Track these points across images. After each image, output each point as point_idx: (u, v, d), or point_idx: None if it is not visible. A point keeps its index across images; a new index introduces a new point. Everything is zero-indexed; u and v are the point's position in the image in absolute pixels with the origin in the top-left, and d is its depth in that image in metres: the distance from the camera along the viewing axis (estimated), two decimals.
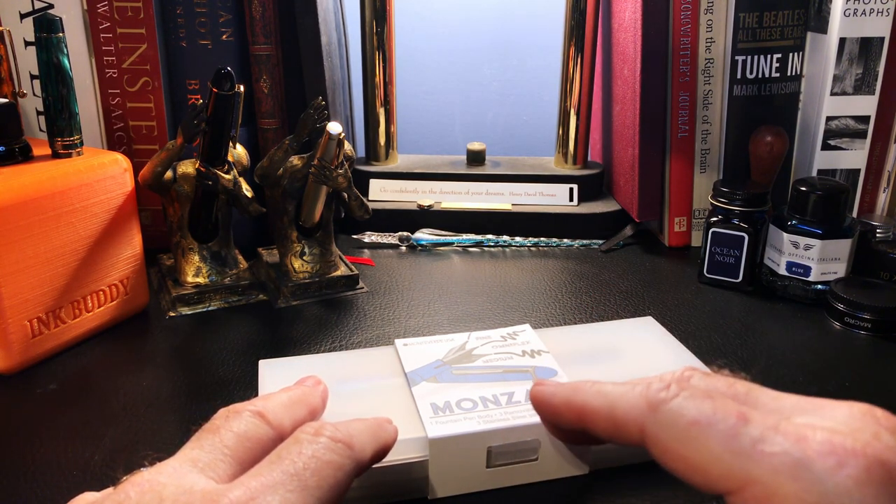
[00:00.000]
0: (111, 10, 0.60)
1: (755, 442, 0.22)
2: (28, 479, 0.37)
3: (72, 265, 0.48)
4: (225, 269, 0.57)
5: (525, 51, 0.90)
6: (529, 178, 0.74)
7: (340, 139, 0.53)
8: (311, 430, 0.27)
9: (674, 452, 0.24)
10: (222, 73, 0.49)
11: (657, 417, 0.25)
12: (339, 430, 0.27)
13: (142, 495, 0.23)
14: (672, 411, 0.24)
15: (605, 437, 0.27)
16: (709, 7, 0.64)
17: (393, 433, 0.33)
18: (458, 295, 0.59)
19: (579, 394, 0.28)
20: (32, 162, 0.48)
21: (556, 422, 0.30)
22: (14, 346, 0.46)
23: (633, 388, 0.26)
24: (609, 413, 0.27)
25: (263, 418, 0.28)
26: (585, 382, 0.29)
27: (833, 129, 0.64)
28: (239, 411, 0.29)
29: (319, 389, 0.34)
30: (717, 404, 0.24)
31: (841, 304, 0.54)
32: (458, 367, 0.40)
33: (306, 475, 0.25)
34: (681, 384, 0.25)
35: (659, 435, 0.24)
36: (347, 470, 0.27)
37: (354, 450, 0.27)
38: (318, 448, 0.26)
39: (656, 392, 0.25)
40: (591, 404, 0.28)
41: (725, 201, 0.59)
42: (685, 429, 0.24)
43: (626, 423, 0.26)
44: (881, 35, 0.61)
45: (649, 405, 0.25)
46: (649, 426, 0.25)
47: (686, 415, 0.24)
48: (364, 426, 0.30)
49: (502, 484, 0.36)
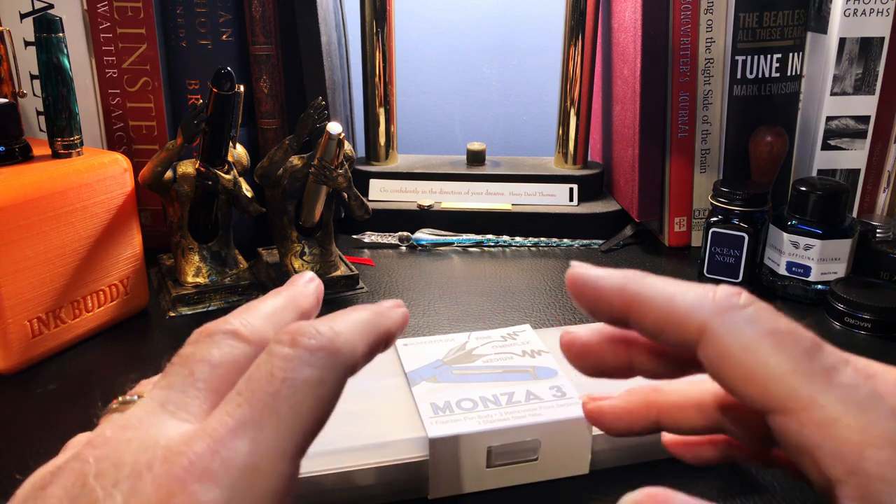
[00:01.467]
0: (111, 10, 0.60)
1: (828, 368, 0.21)
2: (27, 479, 0.37)
3: (72, 265, 0.48)
4: (225, 269, 0.57)
5: (525, 51, 0.90)
6: (529, 178, 0.74)
7: (340, 139, 0.53)
8: (287, 339, 0.23)
9: (734, 359, 0.22)
10: (222, 73, 0.49)
11: (725, 319, 0.23)
12: (321, 333, 0.24)
13: (101, 460, 0.21)
14: (745, 317, 0.23)
15: (652, 331, 0.25)
16: (709, 7, 0.64)
17: (398, 319, 0.29)
18: (458, 295, 0.59)
19: (634, 283, 0.25)
20: (32, 162, 0.48)
21: (595, 308, 0.26)
22: (14, 346, 0.46)
23: (698, 287, 0.24)
24: (667, 305, 0.24)
25: (239, 337, 0.25)
26: (639, 273, 0.26)
27: (833, 129, 0.64)
28: (211, 333, 0.25)
29: (313, 286, 0.30)
30: (794, 326, 0.23)
31: (841, 304, 0.54)
32: (459, 367, 0.40)
33: (279, 403, 0.22)
34: (753, 297, 0.24)
35: (723, 338, 0.23)
36: (332, 382, 0.23)
37: (340, 354, 0.24)
38: (292, 365, 0.22)
39: (727, 296, 0.23)
40: (646, 293, 0.25)
41: (725, 201, 0.59)
42: (756, 338, 0.22)
43: (685, 318, 0.24)
44: (881, 35, 0.61)
45: (718, 307, 0.23)
46: (714, 328, 0.23)
47: (761, 324, 0.23)
48: (354, 319, 0.26)
49: (502, 484, 0.36)
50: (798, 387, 0.21)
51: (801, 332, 0.22)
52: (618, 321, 0.26)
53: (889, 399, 0.21)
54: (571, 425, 0.36)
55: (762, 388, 0.22)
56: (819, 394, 0.21)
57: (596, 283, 0.26)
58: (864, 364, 0.22)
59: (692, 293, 0.24)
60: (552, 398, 0.37)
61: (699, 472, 0.38)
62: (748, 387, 0.22)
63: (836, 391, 0.21)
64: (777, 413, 0.22)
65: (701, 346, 0.23)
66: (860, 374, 0.21)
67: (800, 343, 0.22)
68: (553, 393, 0.37)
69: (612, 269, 0.26)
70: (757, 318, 0.23)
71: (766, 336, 0.22)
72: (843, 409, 0.20)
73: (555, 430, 0.36)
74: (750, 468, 0.38)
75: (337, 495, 0.34)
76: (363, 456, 0.34)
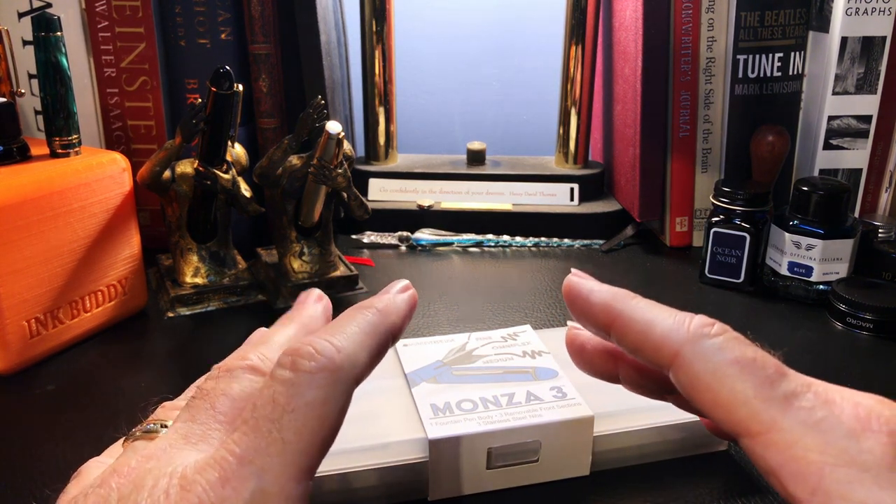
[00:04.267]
0: (109, 9, 0.60)
1: (788, 394, 0.23)
2: (26, 480, 0.37)
3: (70, 265, 0.48)
4: (224, 270, 0.57)
5: (525, 50, 0.90)
6: (530, 178, 0.74)
7: (340, 139, 0.53)
8: (287, 363, 0.24)
9: (703, 385, 0.24)
10: (221, 72, 0.49)
11: (696, 348, 0.25)
12: (321, 354, 0.24)
13: (124, 486, 0.23)
14: (714, 346, 0.24)
15: (630, 348, 0.27)
16: (710, 6, 0.64)
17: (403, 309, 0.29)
18: (458, 295, 0.59)
19: (619, 303, 0.28)
20: (30, 161, 0.48)
21: (584, 317, 0.29)
22: (12, 347, 0.45)
23: (676, 314, 0.26)
24: (645, 328, 0.26)
25: (257, 372, 0.26)
26: (627, 293, 0.28)
27: (835, 129, 0.63)
28: (231, 369, 0.26)
29: (321, 308, 0.31)
30: (759, 354, 0.24)
31: (843, 305, 0.54)
32: (459, 368, 0.40)
33: (283, 430, 0.23)
34: (724, 327, 0.25)
35: (694, 365, 0.25)
36: (336, 400, 0.24)
37: (342, 371, 0.24)
38: (294, 390, 0.23)
39: (700, 325, 0.25)
40: (628, 314, 0.27)
41: (727, 201, 0.59)
42: (723, 365, 0.24)
43: (661, 343, 0.26)
44: (883, 34, 0.61)
45: (691, 335, 0.25)
46: (685, 354, 0.25)
47: (728, 353, 0.24)
48: (355, 328, 0.26)
49: (503, 485, 0.36)
50: (760, 411, 0.23)
51: (766, 361, 0.24)
52: (601, 333, 0.28)
53: (846, 421, 0.22)
54: (572, 426, 0.36)
55: (728, 412, 0.23)
56: (780, 418, 0.22)
57: (587, 296, 0.29)
58: (825, 389, 0.23)
59: (670, 320, 0.26)
60: (553, 399, 0.37)
61: (699, 472, 0.37)
62: (716, 411, 0.24)
63: (795, 414, 0.22)
64: (744, 436, 0.23)
65: (673, 370, 0.25)
66: (819, 398, 0.23)
67: (764, 370, 0.24)
68: (553, 394, 0.37)
69: (604, 286, 0.29)
70: (725, 347, 0.24)
71: (732, 364, 0.24)
72: (803, 431, 0.22)
73: (555, 431, 0.36)
74: (752, 470, 0.38)
75: (336, 497, 0.34)
76: (363, 457, 0.34)
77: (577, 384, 0.38)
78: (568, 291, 0.29)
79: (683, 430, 0.38)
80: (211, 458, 0.23)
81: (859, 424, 0.22)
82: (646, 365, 0.28)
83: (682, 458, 0.38)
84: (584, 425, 0.36)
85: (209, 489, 0.22)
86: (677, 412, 0.38)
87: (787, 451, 0.22)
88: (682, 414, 0.38)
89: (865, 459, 0.21)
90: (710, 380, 0.24)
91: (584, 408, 0.36)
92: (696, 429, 0.38)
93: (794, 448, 0.22)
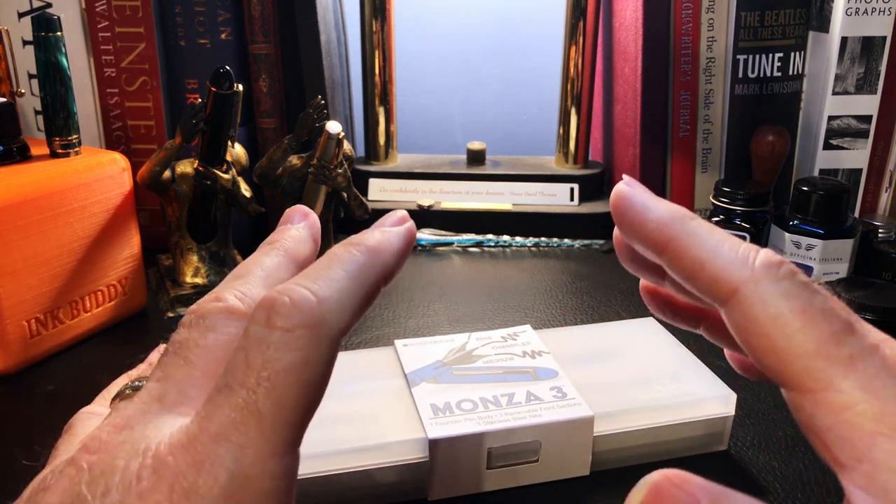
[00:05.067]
0: (109, 8, 0.60)
1: (853, 355, 0.21)
2: (25, 480, 0.37)
3: (70, 265, 0.48)
4: (224, 270, 0.57)
5: (525, 50, 0.90)
6: (530, 178, 0.74)
7: (340, 138, 0.53)
8: (262, 318, 0.21)
9: (760, 328, 0.22)
10: (221, 72, 0.49)
11: (759, 287, 0.22)
12: (299, 305, 0.21)
13: (94, 466, 0.20)
14: (780, 289, 0.22)
15: (683, 275, 0.24)
16: (710, 6, 0.64)
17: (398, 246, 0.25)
18: (458, 295, 0.59)
19: (677, 224, 0.24)
20: (30, 161, 0.48)
21: (634, 235, 0.25)
22: (12, 347, 0.45)
23: (740, 246, 0.23)
24: (704, 258, 0.23)
25: (235, 314, 0.23)
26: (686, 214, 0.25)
27: (835, 129, 0.63)
28: (205, 315, 0.23)
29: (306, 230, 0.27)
30: (829, 305, 0.22)
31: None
32: (459, 368, 0.40)
33: (259, 400, 0.20)
34: (794, 268, 0.23)
35: (754, 307, 0.22)
36: (319, 359, 0.21)
37: (324, 326, 0.21)
38: (269, 352, 0.20)
39: (767, 263, 0.23)
40: (686, 240, 0.24)
41: (727, 201, 0.59)
42: (786, 311, 0.22)
43: (718, 277, 0.23)
44: (883, 34, 0.61)
45: (755, 273, 0.22)
46: (746, 293, 0.22)
47: (794, 299, 0.22)
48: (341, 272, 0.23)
49: (503, 485, 0.36)
50: (819, 368, 0.21)
51: (836, 313, 0.22)
52: (650, 252, 0.25)
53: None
54: (572, 426, 0.36)
55: (783, 363, 0.21)
56: (838, 378, 0.20)
57: (641, 211, 0.25)
58: (893, 353, 0.21)
59: (733, 252, 0.23)
60: (553, 399, 0.37)
61: (699, 472, 0.37)
62: (769, 358, 0.22)
63: (856, 377, 0.20)
64: (793, 390, 0.21)
65: (728, 307, 0.23)
66: (885, 364, 0.21)
67: (831, 324, 0.21)
68: (553, 394, 0.37)
69: (660, 202, 0.25)
70: (792, 293, 0.22)
71: (798, 312, 0.21)
72: (861, 396, 0.20)
73: (555, 431, 0.36)
74: (752, 470, 0.38)
75: (336, 497, 0.34)
76: (362, 457, 0.34)
77: (577, 384, 0.38)
78: (618, 203, 0.25)
79: (683, 430, 0.38)
80: (184, 434, 0.20)
81: None
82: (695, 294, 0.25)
83: (682, 458, 0.38)
84: (584, 425, 0.36)
85: (182, 473, 0.19)
86: (677, 412, 0.38)
87: (841, 413, 0.20)
88: (682, 414, 0.38)
89: None
90: (770, 325, 0.22)
91: (584, 408, 0.36)
92: (696, 429, 0.38)
93: (849, 412, 0.20)
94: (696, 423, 0.38)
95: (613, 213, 0.25)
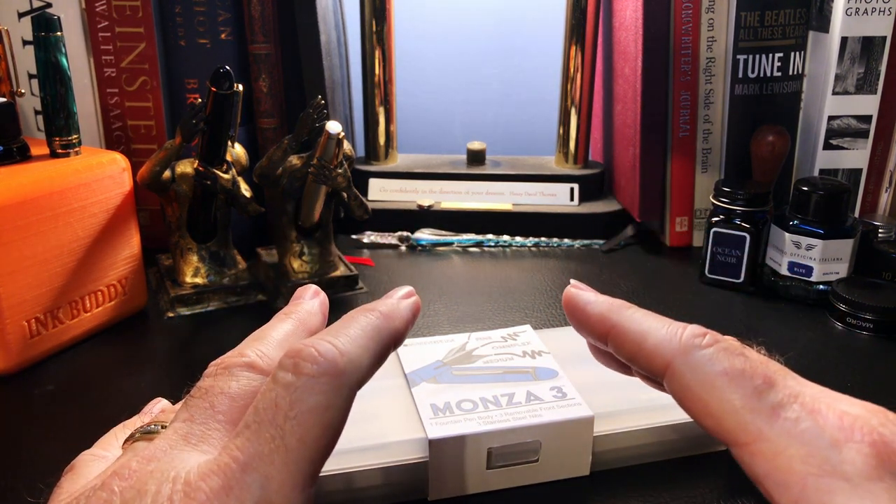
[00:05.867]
0: (109, 8, 0.60)
1: (775, 405, 0.23)
2: (25, 481, 0.37)
3: (70, 265, 0.48)
4: (224, 270, 0.57)
5: (525, 50, 0.90)
6: (530, 178, 0.74)
7: (340, 138, 0.53)
8: (290, 365, 0.24)
9: (694, 395, 0.25)
10: (221, 72, 0.49)
11: (687, 359, 0.25)
12: (323, 357, 0.24)
13: (126, 490, 0.22)
14: (704, 357, 0.25)
15: (626, 358, 0.28)
16: (710, 6, 0.64)
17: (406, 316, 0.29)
18: (458, 295, 0.59)
19: (614, 314, 0.29)
20: (30, 161, 0.48)
21: (580, 326, 0.30)
22: (12, 347, 0.45)
23: (669, 325, 0.27)
24: (640, 340, 0.27)
25: (255, 369, 0.26)
26: (622, 304, 0.29)
27: (835, 129, 0.63)
28: (229, 367, 0.26)
29: (318, 304, 0.30)
30: (749, 365, 0.25)
31: (843, 305, 0.54)
32: (459, 368, 0.40)
33: (286, 436, 0.22)
34: (716, 337, 0.26)
35: (685, 376, 0.25)
36: (339, 404, 0.24)
37: (345, 376, 0.24)
38: (296, 395, 0.23)
39: (692, 336, 0.26)
40: (623, 326, 0.28)
41: (727, 201, 0.59)
42: (712, 376, 0.25)
43: (653, 354, 0.26)
44: (883, 34, 0.61)
45: (682, 346, 0.26)
46: (677, 365, 0.26)
47: (717, 364, 0.25)
48: (359, 331, 0.26)
49: (503, 485, 0.36)
50: (748, 422, 0.23)
51: (755, 371, 0.24)
52: (599, 342, 0.29)
53: (830, 431, 0.22)
54: (572, 426, 0.36)
55: (718, 422, 0.24)
56: (766, 428, 0.23)
57: (584, 307, 0.30)
58: (812, 399, 0.24)
59: (662, 331, 0.27)
60: (553, 399, 0.37)
61: (699, 472, 0.37)
62: (707, 420, 0.25)
63: (781, 425, 0.23)
64: (732, 445, 0.24)
65: (666, 380, 0.26)
66: (805, 408, 0.23)
67: (752, 381, 0.24)
68: (553, 394, 0.37)
69: (601, 297, 0.30)
70: (715, 358, 0.25)
71: (721, 375, 0.25)
72: (787, 442, 0.22)
73: (555, 431, 0.36)
74: None
75: (336, 497, 0.34)
76: (362, 457, 0.34)
77: (577, 384, 0.38)
78: (567, 302, 0.30)
79: (683, 430, 0.38)
80: (214, 463, 0.22)
81: (843, 434, 0.22)
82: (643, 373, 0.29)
83: (682, 458, 0.38)
84: (584, 425, 0.36)
85: (212, 497, 0.21)
86: (677, 412, 0.38)
87: (773, 460, 0.22)
88: (682, 414, 0.38)
89: (846, 469, 0.21)
90: (700, 390, 0.25)
91: (584, 408, 0.36)
92: (696, 429, 0.38)
93: (779, 458, 0.22)
94: (696, 423, 0.38)
95: (565, 311, 0.31)
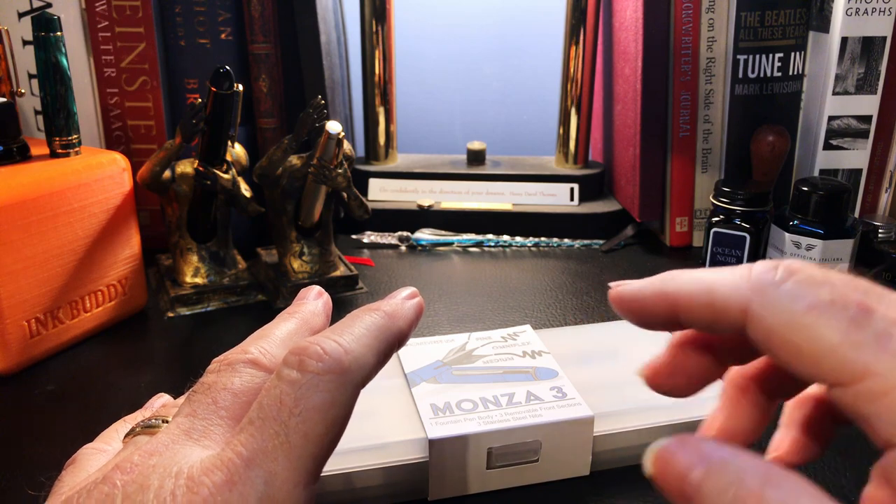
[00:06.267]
0: (109, 8, 0.60)
1: (878, 335, 0.20)
2: (25, 480, 0.37)
3: (70, 265, 0.48)
4: (224, 270, 0.57)
5: (525, 50, 0.90)
6: (530, 178, 0.74)
7: (340, 138, 0.53)
8: (294, 362, 0.24)
9: (780, 338, 0.22)
10: (221, 72, 0.49)
11: (764, 300, 0.22)
12: (328, 354, 0.24)
13: (128, 484, 0.22)
14: (783, 294, 0.22)
15: (703, 325, 0.24)
16: (710, 6, 0.64)
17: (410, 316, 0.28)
18: (458, 295, 0.59)
19: (669, 283, 0.25)
20: (30, 161, 0.48)
21: (644, 319, 0.26)
22: (12, 347, 0.45)
23: (733, 271, 0.23)
24: (708, 298, 0.23)
25: (258, 366, 0.26)
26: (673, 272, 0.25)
27: (835, 129, 0.63)
28: (232, 363, 0.26)
29: (321, 304, 0.30)
30: (836, 291, 0.21)
31: None
32: (459, 368, 0.40)
33: (290, 432, 0.22)
34: (791, 268, 0.23)
35: (766, 319, 0.22)
36: (342, 402, 0.24)
37: (349, 374, 0.24)
38: (301, 391, 0.23)
39: (763, 272, 0.23)
40: (684, 290, 0.24)
41: (727, 201, 0.59)
42: (798, 314, 0.21)
43: (726, 306, 0.23)
44: (883, 34, 0.61)
45: (755, 287, 0.22)
46: (755, 309, 0.22)
47: (801, 300, 0.21)
48: (363, 330, 0.26)
49: (503, 485, 0.36)
50: (850, 359, 0.20)
51: (847, 299, 0.21)
52: (671, 325, 0.25)
53: None
54: (572, 426, 0.36)
55: (814, 364, 0.21)
56: (874, 363, 0.20)
57: (636, 294, 0.25)
58: None
59: (729, 277, 0.23)
60: (553, 399, 0.37)
61: None
62: (801, 364, 0.21)
63: (889, 358, 0.20)
64: (835, 386, 0.21)
65: (748, 329, 0.23)
66: None
67: (846, 312, 0.21)
68: (554, 394, 0.37)
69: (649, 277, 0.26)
70: (797, 293, 0.22)
71: (809, 311, 0.21)
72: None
73: (555, 431, 0.36)
74: None
75: (337, 497, 0.34)
76: (363, 457, 0.34)
77: (577, 384, 0.38)
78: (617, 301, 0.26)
79: (683, 430, 0.38)
80: (217, 458, 0.22)
81: None
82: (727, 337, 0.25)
83: None
84: (584, 425, 0.36)
85: (216, 492, 0.21)
86: (677, 412, 0.38)
87: (884, 398, 0.20)
88: (682, 414, 0.38)
89: None
90: (787, 332, 0.21)
91: (584, 408, 0.36)
92: (696, 429, 0.38)
93: (889, 396, 0.20)
94: (697, 423, 0.37)
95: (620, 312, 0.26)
